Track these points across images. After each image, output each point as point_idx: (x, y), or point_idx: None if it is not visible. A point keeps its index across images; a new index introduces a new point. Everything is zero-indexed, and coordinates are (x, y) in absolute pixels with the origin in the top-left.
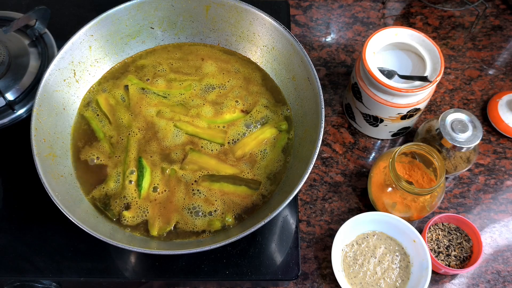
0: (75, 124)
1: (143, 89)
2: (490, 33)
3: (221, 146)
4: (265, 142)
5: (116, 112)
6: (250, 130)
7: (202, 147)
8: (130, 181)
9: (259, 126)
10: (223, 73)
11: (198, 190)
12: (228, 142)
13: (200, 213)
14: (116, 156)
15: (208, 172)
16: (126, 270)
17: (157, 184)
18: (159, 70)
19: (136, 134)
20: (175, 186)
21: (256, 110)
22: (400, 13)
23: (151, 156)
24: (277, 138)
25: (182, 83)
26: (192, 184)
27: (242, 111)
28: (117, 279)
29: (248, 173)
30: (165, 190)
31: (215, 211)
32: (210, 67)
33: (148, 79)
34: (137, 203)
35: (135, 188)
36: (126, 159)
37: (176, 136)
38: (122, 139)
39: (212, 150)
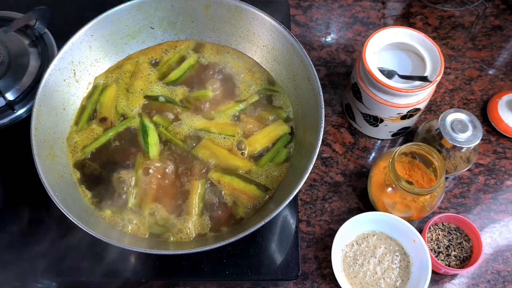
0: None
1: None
2: (490, 33)
3: (232, 137)
4: (273, 140)
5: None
6: (263, 126)
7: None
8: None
9: (268, 122)
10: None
11: (209, 181)
12: (238, 133)
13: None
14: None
15: (219, 162)
16: (126, 270)
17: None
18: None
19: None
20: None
21: (257, 104)
22: (400, 13)
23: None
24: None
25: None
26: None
27: (237, 101)
28: (117, 279)
29: (253, 168)
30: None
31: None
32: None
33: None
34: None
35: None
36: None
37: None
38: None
39: (224, 146)
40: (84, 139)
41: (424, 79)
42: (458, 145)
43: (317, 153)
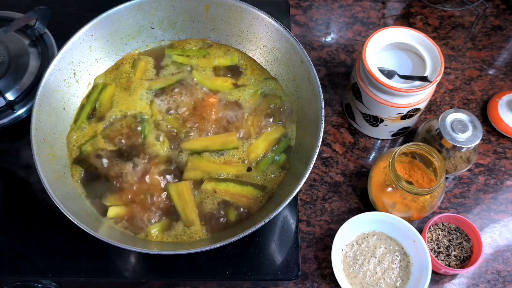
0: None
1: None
2: (490, 33)
3: (235, 150)
4: (272, 143)
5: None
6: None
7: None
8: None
9: (268, 126)
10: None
11: (203, 192)
12: (241, 145)
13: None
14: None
15: (213, 175)
16: (126, 270)
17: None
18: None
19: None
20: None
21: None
22: (400, 13)
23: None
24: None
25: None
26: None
27: (234, 84)
28: (117, 279)
29: (249, 171)
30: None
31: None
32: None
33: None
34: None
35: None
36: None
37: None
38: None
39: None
40: (83, 138)
41: (424, 79)
42: (458, 145)
43: (317, 153)
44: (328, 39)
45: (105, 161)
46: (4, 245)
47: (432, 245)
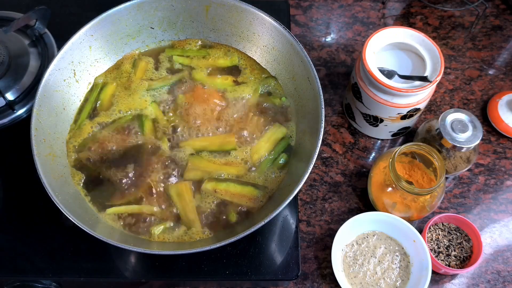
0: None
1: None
2: (490, 33)
3: (233, 151)
4: (274, 144)
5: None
6: (262, 132)
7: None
8: None
9: (266, 129)
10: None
11: (204, 192)
12: (238, 146)
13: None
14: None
15: (213, 175)
16: (126, 270)
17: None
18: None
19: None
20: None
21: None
22: (400, 13)
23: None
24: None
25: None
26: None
27: (234, 81)
28: (117, 279)
29: (249, 172)
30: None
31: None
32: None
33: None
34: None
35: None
36: None
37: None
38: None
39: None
40: (83, 137)
41: (424, 79)
42: (458, 145)
43: (317, 153)
44: (328, 39)
45: (104, 161)
46: (4, 245)
47: (432, 245)
